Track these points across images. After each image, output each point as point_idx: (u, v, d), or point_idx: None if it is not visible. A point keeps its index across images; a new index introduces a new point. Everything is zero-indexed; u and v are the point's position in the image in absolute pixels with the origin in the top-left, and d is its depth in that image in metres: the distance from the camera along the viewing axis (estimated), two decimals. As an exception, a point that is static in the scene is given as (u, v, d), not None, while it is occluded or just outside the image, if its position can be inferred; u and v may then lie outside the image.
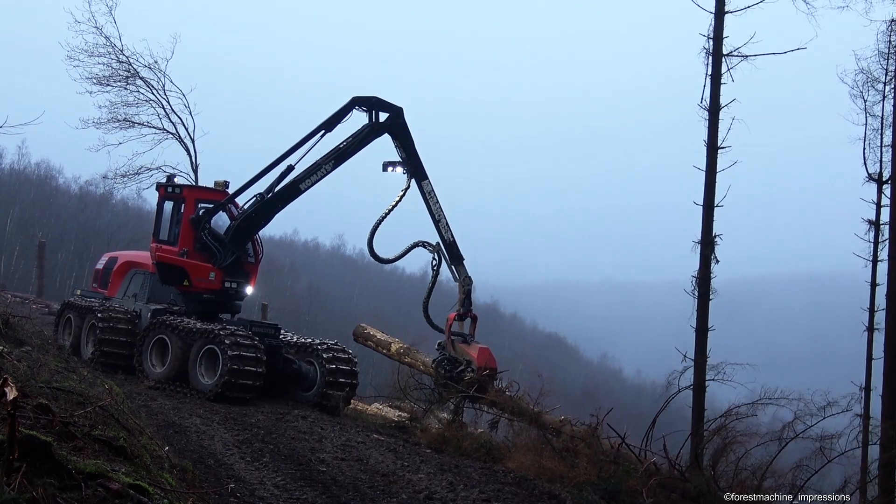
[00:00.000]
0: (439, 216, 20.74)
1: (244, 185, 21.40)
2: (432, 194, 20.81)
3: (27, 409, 7.57)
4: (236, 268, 21.51)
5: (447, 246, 20.80)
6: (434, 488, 13.36)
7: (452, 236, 20.77)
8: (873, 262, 23.82)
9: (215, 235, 21.45)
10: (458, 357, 19.92)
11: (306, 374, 21.09)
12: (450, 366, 20.03)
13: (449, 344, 20.10)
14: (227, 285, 21.50)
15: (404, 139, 20.93)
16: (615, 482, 15.10)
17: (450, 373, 19.97)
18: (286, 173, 20.80)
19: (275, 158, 20.91)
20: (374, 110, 20.91)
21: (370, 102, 20.86)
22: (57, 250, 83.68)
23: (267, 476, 12.81)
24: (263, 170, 21.00)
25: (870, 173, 24.23)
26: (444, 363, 20.14)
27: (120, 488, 6.36)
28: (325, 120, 20.88)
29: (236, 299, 22.01)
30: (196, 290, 21.61)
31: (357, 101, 20.86)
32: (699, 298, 19.39)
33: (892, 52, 21.90)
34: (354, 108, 20.89)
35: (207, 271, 21.34)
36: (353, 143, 20.77)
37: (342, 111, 20.86)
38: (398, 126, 20.91)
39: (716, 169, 19.50)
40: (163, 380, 20.15)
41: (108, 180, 34.42)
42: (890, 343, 18.54)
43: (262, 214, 21.24)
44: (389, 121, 20.91)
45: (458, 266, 20.69)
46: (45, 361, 13.64)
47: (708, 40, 19.80)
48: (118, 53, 32.23)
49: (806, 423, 16.35)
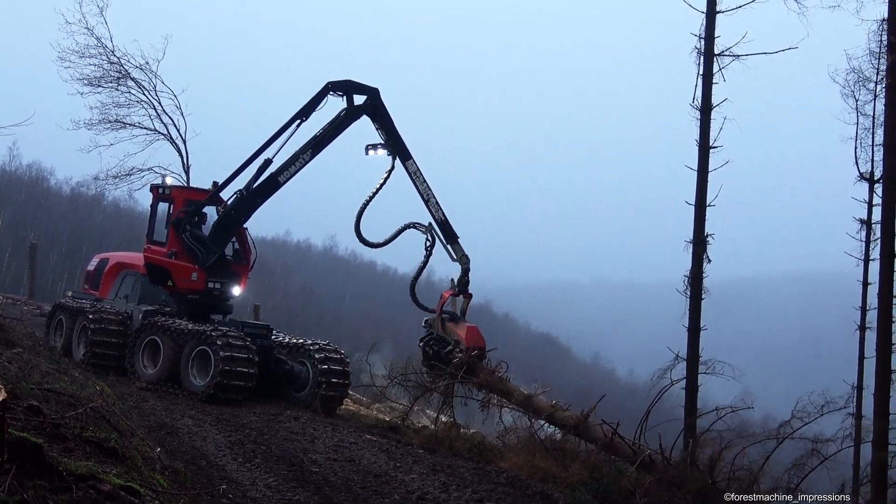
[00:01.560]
0: (428, 195, 20.47)
1: (223, 182, 21.34)
2: (418, 174, 20.55)
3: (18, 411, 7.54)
4: (221, 268, 21.45)
5: (440, 225, 20.49)
6: (427, 489, 13.35)
7: (444, 215, 20.48)
8: (865, 260, 23.91)
9: (198, 236, 21.39)
10: (446, 337, 19.68)
11: (298, 374, 21.04)
12: (437, 346, 19.81)
13: (438, 322, 19.84)
14: (211, 286, 21.42)
15: (383, 120, 20.74)
16: (608, 482, 15.10)
17: (437, 353, 19.76)
18: (264, 167, 20.57)
19: (252, 152, 20.71)
20: (350, 94, 20.68)
21: (345, 86, 20.63)
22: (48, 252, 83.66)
23: (259, 477, 12.79)
24: (241, 165, 20.76)
25: (861, 172, 24.34)
26: (432, 342, 19.91)
27: (111, 490, 6.33)
28: (300, 108, 20.61)
29: (222, 300, 21.90)
30: (180, 291, 21.60)
31: (331, 86, 20.65)
32: (691, 297, 19.43)
33: (884, 52, 21.93)
34: (329, 94, 20.66)
35: (190, 272, 21.29)
36: (331, 130, 20.61)
37: (317, 97, 20.65)
38: (375, 107, 20.72)
39: (707, 168, 19.55)
40: (154, 381, 20.11)
41: (100, 181, 34.30)
42: (882, 342, 18.56)
43: (241, 210, 21.15)
44: (366, 103, 20.73)
45: (454, 244, 20.40)
46: (36, 363, 13.59)
47: (699, 40, 19.85)
48: (109, 54, 32.13)
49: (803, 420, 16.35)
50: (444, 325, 19.75)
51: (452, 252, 20.31)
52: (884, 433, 17.94)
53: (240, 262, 22.18)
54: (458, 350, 19.28)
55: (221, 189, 21.47)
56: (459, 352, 19.27)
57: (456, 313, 20.03)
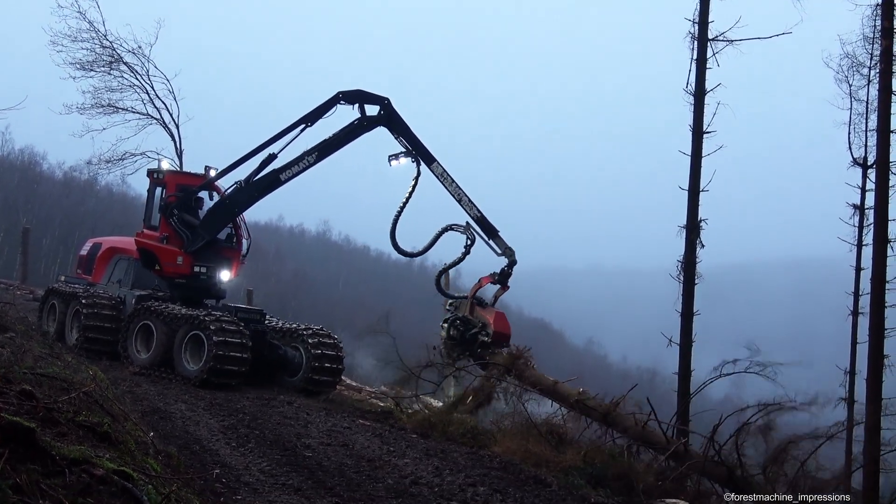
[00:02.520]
0: (459, 195, 19.98)
1: (220, 171, 21.38)
2: (445, 175, 20.09)
3: (10, 395, 7.52)
4: (209, 253, 21.48)
5: (478, 222, 19.97)
6: (420, 473, 13.37)
7: (479, 211, 19.94)
8: (858, 246, 23.96)
9: (186, 221, 21.38)
10: (473, 320, 19.30)
11: (292, 359, 21.07)
12: (463, 326, 19.38)
13: (467, 305, 19.45)
14: (197, 270, 21.48)
15: (400, 128, 20.38)
16: (601, 467, 15.13)
17: (462, 334, 19.36)
18: (267, 162, 20.48)
19: (254, 147, 20.56)
20: (362, 103, 20.39)
21: (356, 96, 20.35)
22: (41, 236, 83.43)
23: (252, 461, 12.80)
24: (242, 157, 20.72)
25: (855, 158, 24.38)
26: (458, 322, 19.46)
27: (104, 474, 6.32)
28: (307, 113, 20.41)
29: (210, 285, 21.94)
30: (167, 275, 21.71)
31: (342, 96, 20.38)
32: (684, 283, 19.45)
33: (878, 37, 21.92)
34: (339, 103, 20.41)
35: (175, 255, 21.37)
36: (341, 137, 20.39)
37: (326, 105, 20.41)
38: (389, 116, 20.38)
39: (701, 153, 19.55)
40: (148, 366, 20.13)
41: (93, 166, 34.36)
42: (875, 326, 18.59)
43: (236, 202, 21.18)
44: (379, 114, 20.39)
45: (496, 239, 19.90)
46: (29, 347, 13.57)
47: (693, 24, 19.84)
48: (102, 38, 32.06)
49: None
50: (472, 308, 19.42)
51: (496, 247, 19.84)
52: (876, 418, 17.99)
53: (231, 247, 22.15)
54: (485, 333, 19.05)
55: (217, 178, 21.47)
56: (486, 335, 19.05)
57: (484, 299, 19.73)
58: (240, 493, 10.78)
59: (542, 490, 13.45)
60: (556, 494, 13.27)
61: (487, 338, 18.88)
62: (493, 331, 18.94)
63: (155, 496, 6.65)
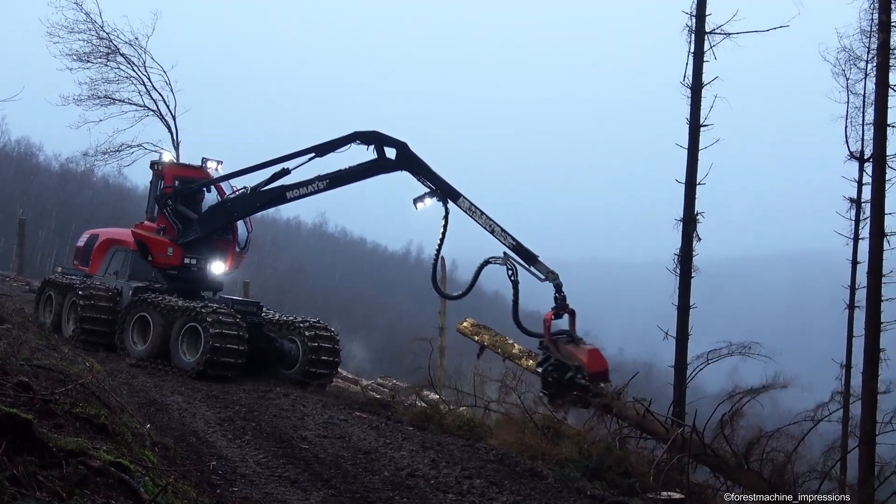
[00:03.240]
0: (491, 226, 18.91)
1: (228, 174, 21.55)
2: (473, 209, 19.04)
3: (7, 387, 7.53)
4: (201, 245, 21.55)
5: (514, 250, 18.82)
6: (416, 465, 13.39)
7: (514, 239, 18.82)
8: (854, 239, 23.95)
9: (181, 213, 21.40)
10: (566, 360, 17.85)
11: (288, 351, 21.09)
12: (558, 372, 17.87)
13: (551, 345, 18.05)
14: (187, 261, 21.58)
15: (421, 169, 19.42)
16: (597, 460, 15.14)
17: (558, 379, 17.84)
18: (279, 175, 20.25)
19: (265, 160, 20.47)
20: (377, 145, 19.61)
21: (372, 138, 19.56)
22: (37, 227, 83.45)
23: (249, 454, 12.82)
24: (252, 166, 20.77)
25: (851, 151, 24.34)
26: (551, 369, 17.95)
27: (101, 466, 6.33)
28: (319, 144, 19.96)
29: (200, 276, 22.01)
30: (159, 266, 21.87)
31: (358, 136, 19.66)
32: (681, 276, 19.45)
33: (874, 30, 21.89)
34: (354, 143, 19.72)
35: (166, 247, 21.49)
36: (355, 173, 19.84)
37: (339, 142, 19.80)
38: (408, 160, 19.49)
39: (698, 147, 19.54)
40: (144, 357, 20.14)
41: (89, 157, 34.22)
42: (871, 320, 18.61)
43: (239, 207, 21.21)
44: (398, 158, 19.55)
45: (536, 264, 18.73)
46: (25, 339, 13.57)
47: (690, 17, 19.80)
48: (98, 30, 31.97)
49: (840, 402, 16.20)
50: (559, 347, 18.04)
51: (538, 273, 18.71)
52: (872, 411, 18.02)
53: (226, 239, 22.14)
54: (581, 376, 17.54)
55: (222, 180, 21.58)
56: (582, 377, 17.56)
57: (574, 333, 18.34)
58: (236, 485, 10.80)
59: (538, 483, 13.48)
60: (552, 487, 13.29)
61: (585, 380, 17.49)
62: (590, 372, 17.90)
63: (152, 488, 6.66)
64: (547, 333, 17.81)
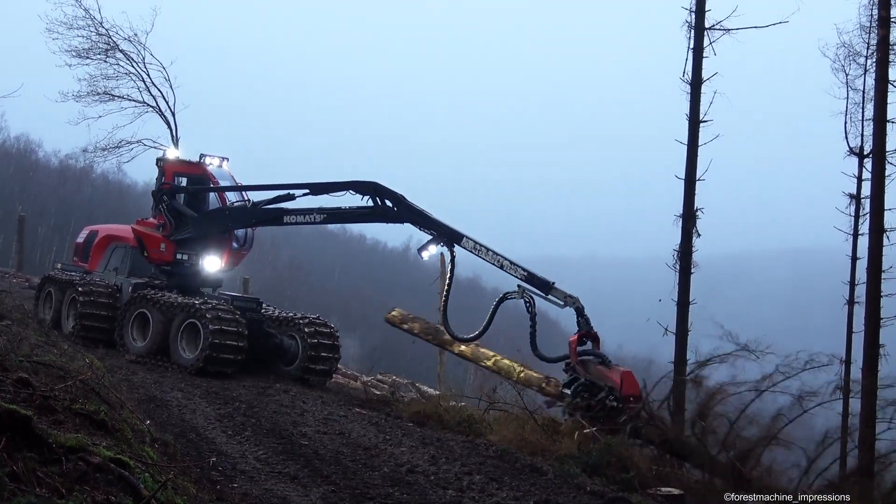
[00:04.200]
0: (500, 262, 18.49)
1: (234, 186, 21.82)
2: (478, 247, 18.66)
3: (7, 384, 7.54)
4: (193, 241, 21.69)
5: (528, 281, 18.36)
6: (416, 461, 13.40)
7: (525, 270, 18.37)
8: (854, 235, 23.93)
9: (176, 210, 21.47)
10: (597, 381, 17.32)
11: (288, 348, 21.09)
12: (587, 392, 17.31)
13: (580, 366, 17.53)
14: (179, 257, 21.68)
15: (421, 219, 19.22)
16: (597, 456, 15.15)
17: (588, 401, 17.27)
18: (283, 199, 20.43)
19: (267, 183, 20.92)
20: (373, 196, 19.33)
21: (367, 188, 19.32)
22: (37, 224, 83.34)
23: (249, 450, 12.83)
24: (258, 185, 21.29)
25: (851, 147, 24.32)
26: (581, 389, 17.41)
27: (101, 462, 6.34)
28: (315, 183, 19.93)
29: (193, 272, 22.05)
30: (154, 262, 22.05)
31: (353, 186, 19.47)
32: (680, 272, 19.47)
33: (874, 26, 21.89)
34: (349, 192, 19.52)
35: (158, 242, 21.66)
36: (352, 215, 20.03)
37: (334, 187, 19.70)
38: (407, 211, 19.28)
39: (697, 143, 19.56)
40: (144, 354, 20.14)
41: (89, 154, 34.22)
42: (871, 316, 18.64)
43: (235, 218, 21.39)
44: (398, 211, 19.32)
45: (553, 292, 18.18)
46: (25, 335, 13.58)
47: (690, 14, 19.82)
48: (97, 26, 31.92)
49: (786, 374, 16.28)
50: (589, 368, 17.47)
51: (556, 299, 18.20)
52: (871, 407, 18.03)
53: (222, 237, 22.16)
54: (612, 398, 16.99)
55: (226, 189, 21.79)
56: (613, 399, 17.02)
57: (605, 355, 17.78)
58: (236, 482, 10.80)
59: (537, 478, 13.48)
60: (552, 483, 13.29)
61: (616, 402, 16.95)
62: (622, 395, 16.96)
63: (151, 484, 6.67)
64: (574, 355, 17.40)
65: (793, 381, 16.21)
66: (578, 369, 17.26)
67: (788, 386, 16.25)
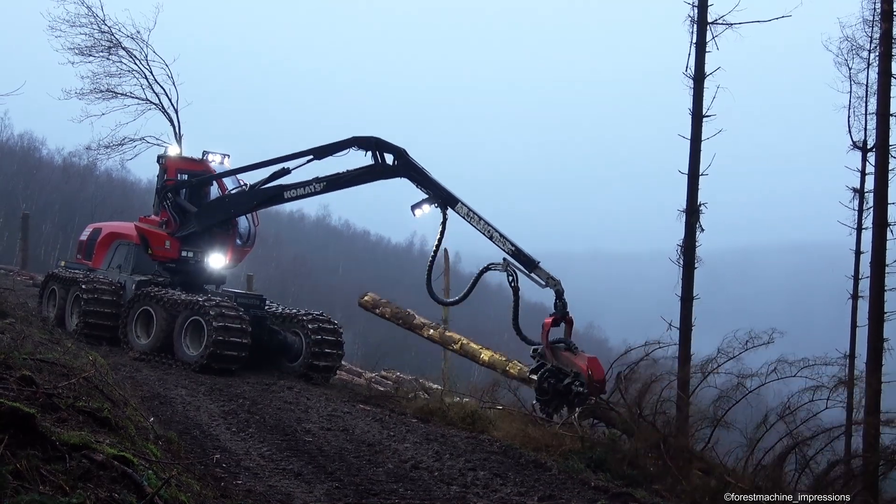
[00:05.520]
0: (490, 232, 18.41)
1: (230, 171, 21.68)
2: (471, 214, 18.56)
3: (10, 381, 7.55)
4: (198, 238, 21.73)
5: (514, 256, 18.23)
6: (420, 457, 13.41)
7: (514, 244, 18.25)
8: (857, 229, 23.90)
9: (180, 206, 21.49)
10: (563, 367, 17.26)
11: (292, 344, 21.11)
12: (554, 378, 17.20)
13: (549, 352, 17.46)
14: (184, 254, 21.74)
15: (419, 176, 19.05)
16: (601, 451, 15.16)
17: (555, 386, 17.19)
18: (279, 175, 20.22)
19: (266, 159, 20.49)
20: (375, 151, 19.31)
21: (371, 144, 19.27)
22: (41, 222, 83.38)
23: (253, 446, 12.83)
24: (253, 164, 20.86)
25: (854, 141, 24.27)
26: (547, 374, 17.27)
27: (104, 459, 6.34)
28: (317, 147, 19.82)
29: (198, 269, 22.07)
30: (158, 259, 22.01)
31: (356, 142, 19.43)
32: (684, 267, 19.43)
33: (877, 20, 21.84)
34: (352, 148, 19.48)
35: (163, 239, 21.69)
36: (353, 177, 19.60)
37: (337, 146, 19.61)
38: (406, 167, 19.15)
39: (700, 137, 19.49)
40: (148, 351, 20.18)
41: (92, 151, 34.20)
42: (875, 310, 18.60)
43: (235, 204, 21.27)
44: (396, 165, 19.25)
45: (537, 270, 18.04)
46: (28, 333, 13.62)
47: (693, 8, 19.75)
48: (100, 23, 31.92)
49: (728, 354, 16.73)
50: (557, 354, 17.44)
51: (538, 279, 18.07)
52: (875, 402, 18.01)
53: (225, 233, 22.14)
54: (579, 383, 16.93)
55: (224, 175, 21.62)
56: (580, 384, 16.97)
57: (572, 342, 17.67)
58: (240, 478, 10.81)
59: (542, 474, 13.50)
60: (556, 478, 13.31)
61: (582, 388, 16.87)
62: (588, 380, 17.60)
63: (155, 481, 6.66)
64: (545, 339, 17.37)
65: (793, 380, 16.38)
66: (547, 353, 17.24)
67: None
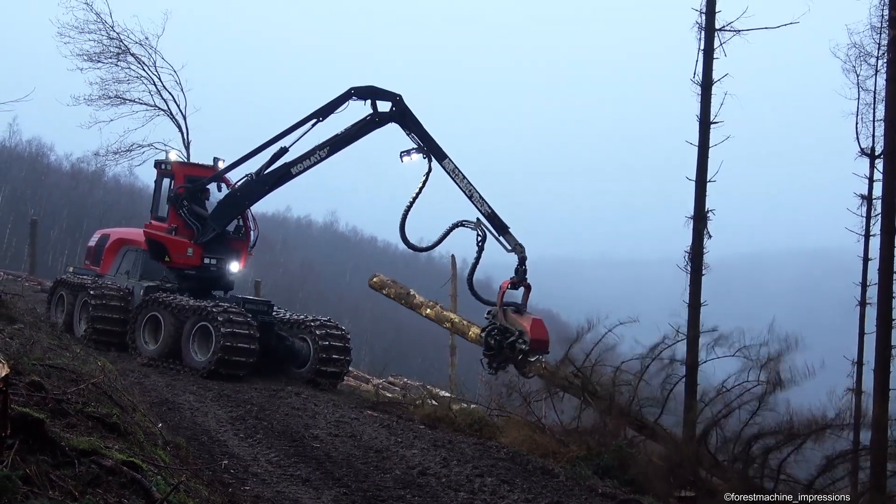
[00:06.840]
0: (470, 191, 19.13)
1: (230, 164, 21.40)
2: (456, 171, 19.27)
3: (20, 387, 7.56)
4: (218, 245, 21.54)
5: (488, 218, 18.92)
6: (427, 464, 13.42)
7: (490, 207, 18.97)
8: (866, 236, 23.83)
9: (196, 212, 21.43)
10: (510, 327, 18.21)
11: (299, 350, 21.12)
12: (500, 336, 18.24)
13: (500, 312, 18.37)
14: (207, 261, 21.56)
15: (412, 124, 19.60)
16: (608, 458, 15.17)
17: (500, 343, 18.23)
18: (279, 155, 20.33)
19: (265, 140, 20.45)
20: (374, 99, 19.85)
21: (368, 92, 19.84)
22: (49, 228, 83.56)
23: (261, 452, 12.86)
24: (253, 150, 20.62)
25: (862, 148, 24.20)
26: (494, 332, 18.35)
27: (113, 465, 6.36)
28: (319, 108, 20.15)
29: (219, 276, 22.03)
30: (177, 267, 21.78)
31: (354, 92, 19.89)
32: (692, 273, 19.41)
33: (885, 26, 21.82)
34: (351, 99, 19.94)
35: (185, 247, 21.46)
36: (352, 132, 19.98)
37: (337, 101, 20.03)
38: (401, 113, 19.69)
39: (708, 144, 19.48)
40: (156, 357, 20.20)
41: (100, 157, 34.37)
42: (883, 317, 18.55)
43: (247, 194, 21.14)
44: (391, 110, 19.80)
45: (506, 235, 18.81)
46: (37, 339, 13.63)
47: (700, 15, 19.75)
48: (108, 30, 32.08)
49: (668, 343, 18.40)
50: (506, 315, 18.34)
51: (506, 243, 18.80)
52: (884, 409, 17.97)
53: (240, 238, 22.19)
54: (522, 341, 17.88)
55: (227, 170, 21.52)
56: (523, 343, 17.90)
57: (520, 304, 18.54)
58: (248, 484, 10.83)
59: (549, 480, 13.50)
60: (563, 485, 13.32)
61: (525, 346, 17.80)
62: (531, 339, 18.24)
63: (164, 487, 6.69)
64: (500, 300, 18.24)
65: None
66: (499, 314, 18.08)
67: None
